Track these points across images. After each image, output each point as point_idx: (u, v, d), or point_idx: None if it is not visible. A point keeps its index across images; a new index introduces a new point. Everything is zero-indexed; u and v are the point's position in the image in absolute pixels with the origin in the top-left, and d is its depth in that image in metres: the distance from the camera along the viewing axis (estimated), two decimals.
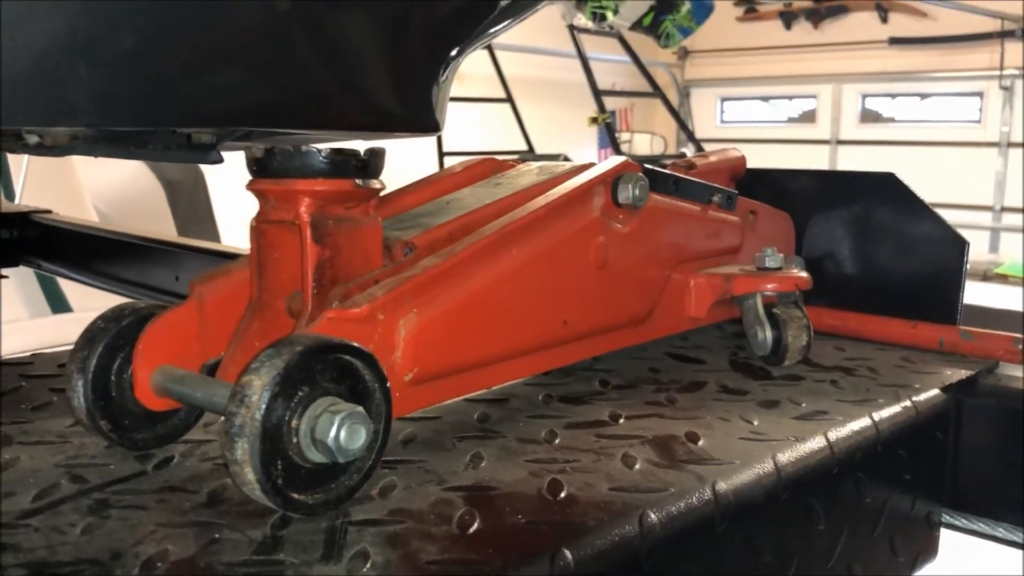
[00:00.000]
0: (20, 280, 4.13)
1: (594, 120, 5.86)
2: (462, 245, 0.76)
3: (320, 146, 0.74)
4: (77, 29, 0.66)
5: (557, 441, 0.76)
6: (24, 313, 4.52)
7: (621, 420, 0.82)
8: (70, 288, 4.50)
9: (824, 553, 0.77)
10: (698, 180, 1.04)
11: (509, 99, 6.64)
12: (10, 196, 4.22)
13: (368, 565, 0.55)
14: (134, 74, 0.67)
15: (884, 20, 9.27)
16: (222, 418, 0.59)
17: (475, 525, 0.60)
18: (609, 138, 6.14)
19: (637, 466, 0.71)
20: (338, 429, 0.59)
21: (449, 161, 5.83)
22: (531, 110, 6.99)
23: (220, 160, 1.21)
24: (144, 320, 0.73)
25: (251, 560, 0.55)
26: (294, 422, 0.58)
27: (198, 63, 0.70)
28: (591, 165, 0.92)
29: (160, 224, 4.67)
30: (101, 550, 0.56)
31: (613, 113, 6.27)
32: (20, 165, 4.31)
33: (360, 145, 0.83)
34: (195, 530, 0.59)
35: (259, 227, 0.73)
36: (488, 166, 0.96)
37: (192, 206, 4.95)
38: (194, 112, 0.73)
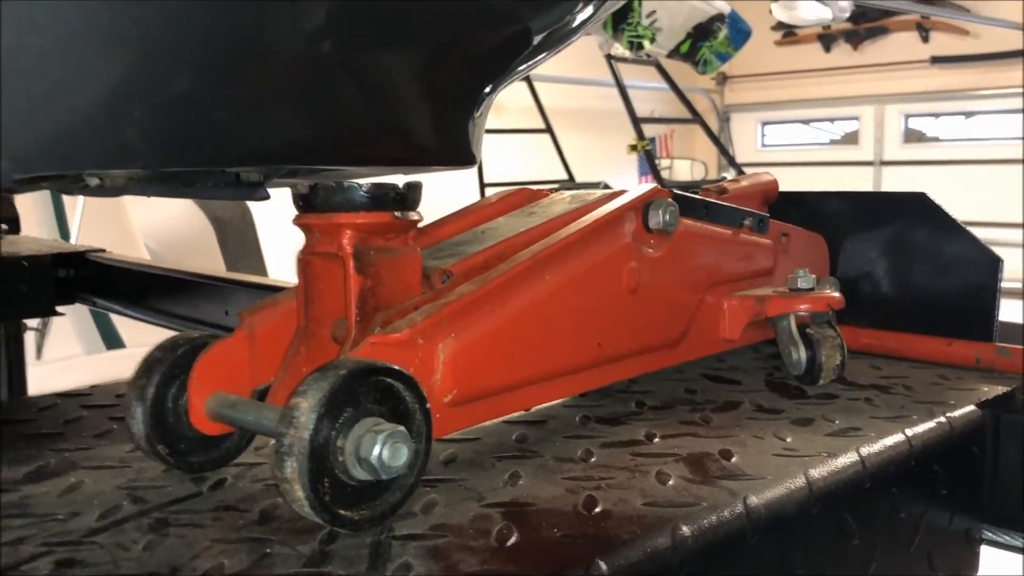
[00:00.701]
0: (76, 318, 4.25)
1: (633, 148, 5.89)
2: (497, 272, 0.79)
3: (361, 181, 0.78)
4: (134, 77, 0.71)
5: (593, 460, 0.79)
6: (79, 350, 4.65)
7: (656, 439, 0.84)
8: (123, 325, 4.62)
9: (859, 568, 0.78)
10: (729, 204, 1.06)
11: (548, 129, 6.71)
12: (65, 236, 4.36)
13: None
14: (186, 117, 0.72)
15: (925, 39, 9.21)
16: (272, 440, 0.62)
17: (513, 539, 0.63)
18: (649, 165, 6.16)
19: (670, 482, 0.73)
20: (381, 448, 0.62)
21: (491, 191, 5.89)
22: (570, 139, 7.05)
23: (267, 197, 1.27)
24: (198, 349, 0.77)
25: (301, 572, 0.58)
26: (339, 442, 0.62)
27: (246, 105, 0.75)
28: (623, 192, 0.94)
29: (210, 260, 4.79)
30: (161, 565, 0.60)
31: (652, 140, 6.29)
32: (75, 206, 4.46)
33: (397, 179, 0.87)
34: (248, 546, 0.63)
35: (305, 259, 0.77)
36: (522, 196, 0.99)
37: (240, 242, 5.07)
38: (242, 152, 0.78)
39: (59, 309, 2.56)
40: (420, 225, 0.81)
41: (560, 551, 0.61)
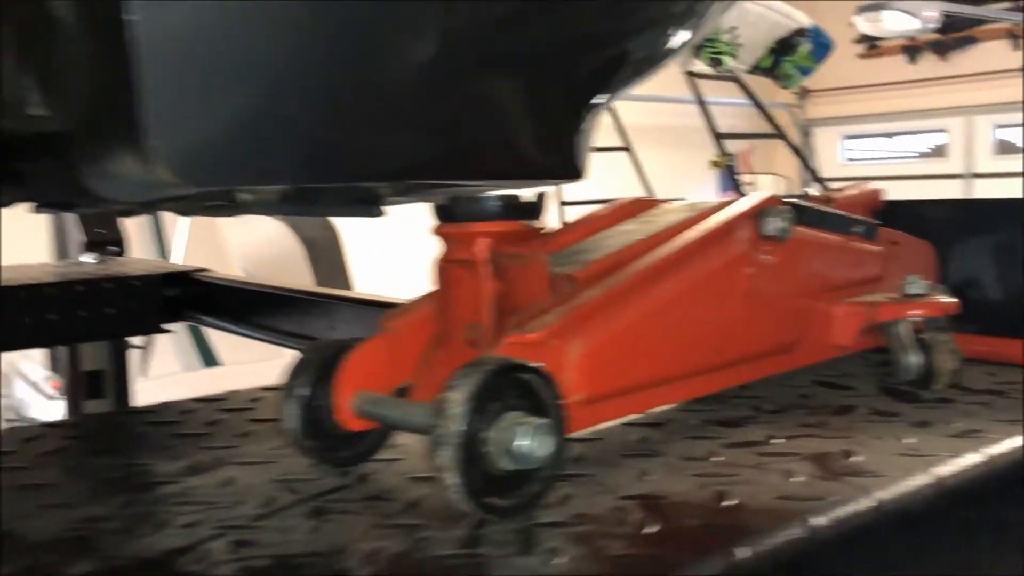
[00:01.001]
0: (174, 336, 4.42)
1: (716, 164, 5.87)
2: (622, 277, 0.83)
3: (492, 193, 0.83)
4: (292, 101, 0.77)
5: (717, 458, 0.81)
6: (178, 367, 4.83)
7: (776, 440, 0.86)
8: (220, 343, 4.79)
9: (989, 567, 0.79)
10: (840, 212, 1.08)
11: (628, 147, 6.72)
12: (163, 258, 4.55)
13: (560, 558, 0.61)
14: (332, 137, 0.78)
15: (1016, 47, 8.93)
16: (415, 434, 0.66)
17: (651, 527, 0.66)
18: (731, 181, 6.12)
19: (797, 479, 0.75)
20: (527, 439, 0.66)
21: (569, 210, 5.92)
22: (649, 156, 7.05)
23: (381, 214, 1.33)
24: (342, 351, 0.82)
25: (457, 554, 0.63)
26: (487, 433, 0.66)
27: (381, 127, 0.81)
28: (737, 200, 0.97)
29: (300, 280, 4.93)
30: (326, 545, 0.65)
31: (733, 156, 6.25)
32: (173, 229, 4.65)
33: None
34: (402, 531, 0.67)
35: (442, 266, 0.82)
36: (637, 206, 1.03)
37: (329, 262, 5.20)
38: (375, 169, 0.84)
39: (167, 326, 2.67)
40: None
41: (699, 538, 0.64)
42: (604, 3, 0.91)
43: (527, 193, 0.88)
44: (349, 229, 5.49)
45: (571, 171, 0.93)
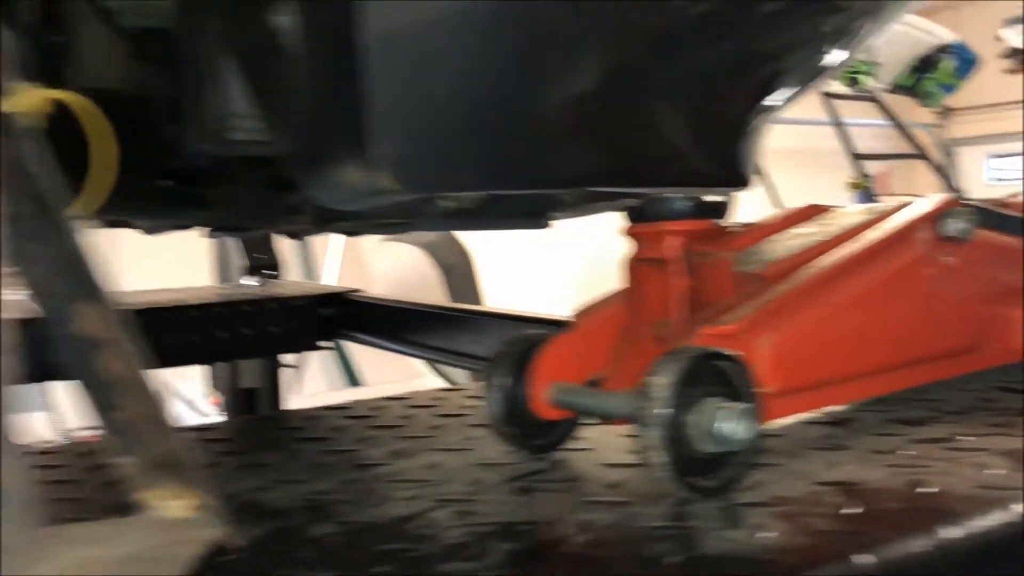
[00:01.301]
0: (320, 357, 4.62)
1: (854, 185, 5.72)
2: (806, 276, 0.86)
3: (680, 194, 0.87)
4: (502, 113, 0.84)
5: (905, 452, 0.83)
6: (323, 386, 5.04)
7: (964, 438, 0.87)
8: (363, 364, 4.97)
9: None
10: (1019, 215, 1.07)
11: (759, 170, 6.63)
12: (311, 280, 4.78)
13: (766, 532, 0.64)
14: (528, 147, 0.84)
15: None
16: (604, 424, 0.71)
17: (851, 508, 0.68)
18: (868, 203, 5.95)
19: (992, 470, 0.76)
20: (728, 422, 0.69)
21: None
22: (782, 178, 6.93)
23: (547, 225, 1.39)
24: (536, 345, 0.88)
25: (667, 526, 0.67)
26: (690, 416, 0.70)
27: (571, 138, 0.87)
28: (915, 202, 0.98)
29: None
30: (542, 516, 0.70)
31: (871, 177, 6.08)
32: (323, 253, 4.88)
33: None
34: (608, 506, 0.72)
35: (632, 265, 0.87)
36: (811, 210, 1.05)
37: (464, 287, 5.34)
38: (562, 177, 0.90)
39: (323, 344, 2.80)
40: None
41: (903, 519, 0.66)
42: (769, 22, 0.96)
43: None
44: (482, 256, 5.62)
45: (738, 179, 0.97)
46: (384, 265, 5.19)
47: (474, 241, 5.54)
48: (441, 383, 3.60)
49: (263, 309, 2.45)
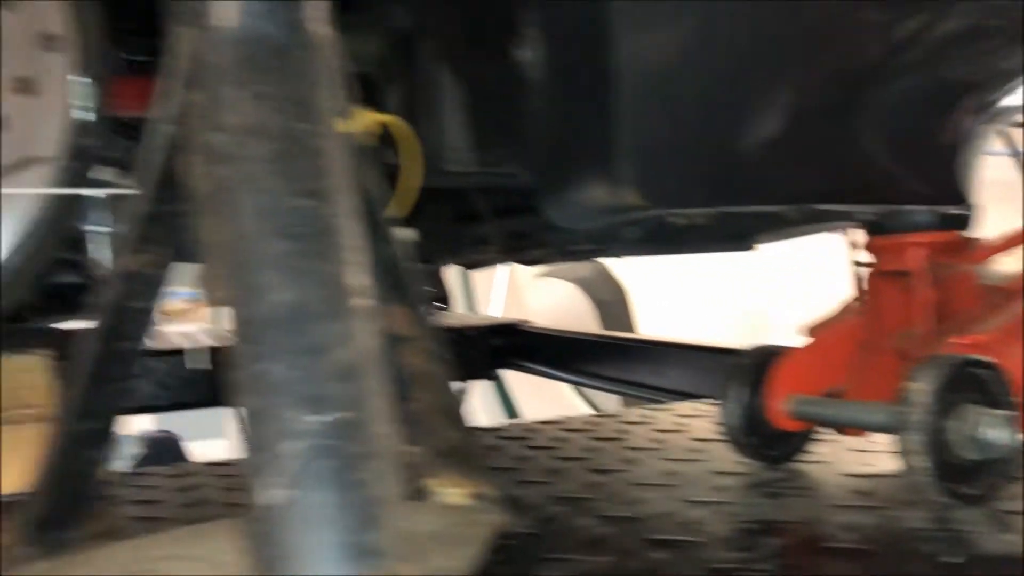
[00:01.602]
0: (481, 389, 4.72)
1: None
2: None
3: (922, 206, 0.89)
4: (736, 134, 0.88)
5: None
6: (482, 418, 5.14)
7: None
8: (520, 398, 5.06)
9: None
10: None
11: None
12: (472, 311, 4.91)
13: None
14: (760, 165, 0.88)
15: None
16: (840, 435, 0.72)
17: None
18: None
19: None
20: (990, 429, 0.70)
21: None
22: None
23: (751, 247, 1.40)
24: (772, 358, 0.90)
25: (933, 528, 0.68)
26: (951, 422, 0.71)
27: (795, 159, 0.90)
28: None
29: None
30: (799, 517, 0.73)
31: None
32: (485, 286, 5.01)
33: None
34: (863, 510, 0.73)
35: (873, 279, 0.88)
36: None
37: (619, 322, 5.35)
38: (788, 194, 0.93)
39: (495, 373, 2.87)
40: None
41: None
42: (983, 54, 0.98)
43: None
44: (641, 290, 5.61)
45: (955, 196, 0.98)
46: (540, 300, 5.28)
47: (629, 276, 5.55)
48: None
49: (440, 339, 2.54)
